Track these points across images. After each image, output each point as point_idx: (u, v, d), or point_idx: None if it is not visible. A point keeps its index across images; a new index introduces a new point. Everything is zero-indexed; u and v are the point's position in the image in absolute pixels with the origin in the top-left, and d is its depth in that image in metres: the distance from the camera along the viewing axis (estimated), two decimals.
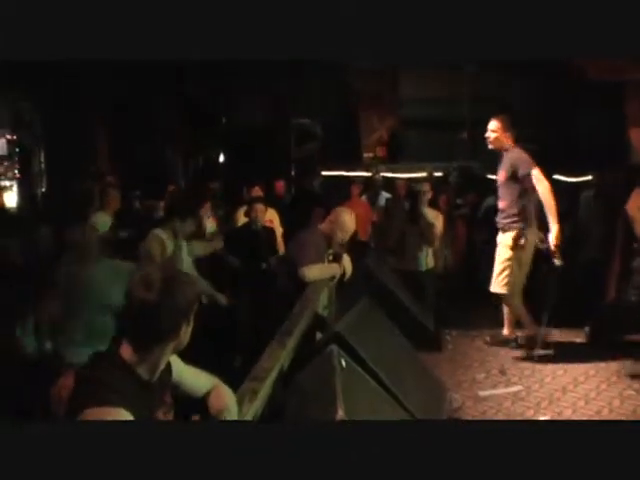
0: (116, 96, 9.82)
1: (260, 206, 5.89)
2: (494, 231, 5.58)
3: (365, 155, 11.63)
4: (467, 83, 10.28)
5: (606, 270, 6.27)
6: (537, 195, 5.18)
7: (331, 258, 4.87)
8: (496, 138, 5.43)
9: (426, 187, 6.59)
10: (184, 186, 8.11)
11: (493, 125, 5.45)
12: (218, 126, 11.91)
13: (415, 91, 10.87)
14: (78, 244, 3.76)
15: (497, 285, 5.44)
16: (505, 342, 5.63)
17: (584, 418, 4.07)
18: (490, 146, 5.49)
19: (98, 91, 9.46)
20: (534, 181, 5.14)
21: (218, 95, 11.10)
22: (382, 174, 9.88)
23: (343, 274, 5.00)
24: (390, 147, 11.64)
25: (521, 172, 5.21)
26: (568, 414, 4.17)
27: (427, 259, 6.51)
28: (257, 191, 6.88)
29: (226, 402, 2.22)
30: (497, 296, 5.51)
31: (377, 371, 3.35)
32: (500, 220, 5.44)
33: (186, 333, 1.94)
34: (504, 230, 5.39)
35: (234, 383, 2.45)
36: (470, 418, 4.11)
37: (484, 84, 10.34)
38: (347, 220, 4.76)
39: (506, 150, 5.41)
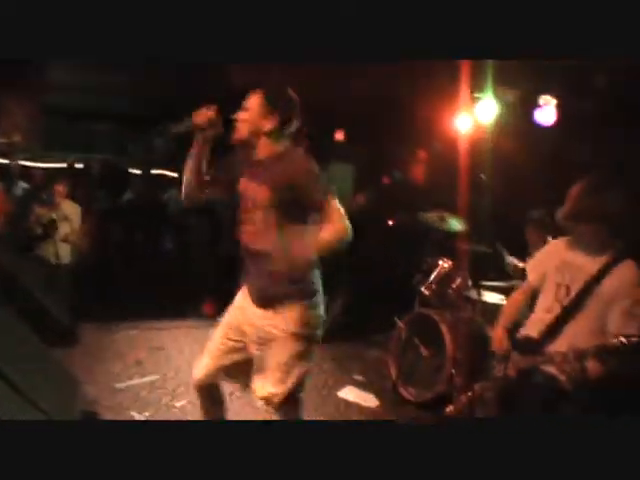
0: None
1: None
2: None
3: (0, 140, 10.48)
4: (116, 75, 9.96)
5: None
6: None
7: None
8: None
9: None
10: None
11: None
12: None
13: (61, 78, 10.15)
14: None
15: None
16: None
17: None
18: None
19: None
20: None
21: None
22: (19, 162, 9.13)
23: None
24: (29, 134, 10.72)
25: None
26: None
27: (62, 251, 6.27)
28: None
29: None
30: None
31: (2, 369, 3.13)
32: None
33: None
34: None
35: None
36: (106, 410, 4.08)
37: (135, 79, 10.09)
38: None
39: None
